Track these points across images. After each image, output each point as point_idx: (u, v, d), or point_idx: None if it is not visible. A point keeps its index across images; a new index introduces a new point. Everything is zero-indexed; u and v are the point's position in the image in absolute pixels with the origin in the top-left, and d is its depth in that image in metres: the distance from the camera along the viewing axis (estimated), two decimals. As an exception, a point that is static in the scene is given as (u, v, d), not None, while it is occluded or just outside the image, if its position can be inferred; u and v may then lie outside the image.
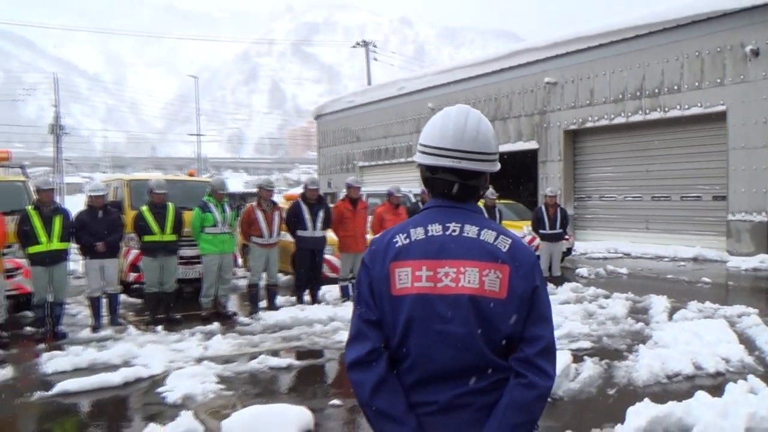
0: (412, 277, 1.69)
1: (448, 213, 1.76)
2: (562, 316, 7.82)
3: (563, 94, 19.63)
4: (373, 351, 1.70)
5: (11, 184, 9.70)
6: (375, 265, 1.74)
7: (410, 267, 1.69)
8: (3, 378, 5.91)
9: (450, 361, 1.66)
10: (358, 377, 1.70)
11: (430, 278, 1.68)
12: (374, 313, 1.72)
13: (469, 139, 1.74)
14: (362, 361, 1.70)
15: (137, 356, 6.34)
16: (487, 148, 1.77)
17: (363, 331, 1.72)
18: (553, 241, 10.60)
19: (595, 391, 5.30)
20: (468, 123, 1.76)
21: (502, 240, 1.72)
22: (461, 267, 1.67)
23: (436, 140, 1.75)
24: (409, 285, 1.68)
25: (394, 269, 1.70)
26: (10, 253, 7.91)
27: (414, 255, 1.70)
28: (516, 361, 1.67)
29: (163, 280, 8.33)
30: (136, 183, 10.34)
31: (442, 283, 1.67)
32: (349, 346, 1.74)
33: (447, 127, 1.75)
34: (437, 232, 1.73)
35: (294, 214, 9.00)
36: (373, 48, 39.10)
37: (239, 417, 4.47)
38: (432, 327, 1.66)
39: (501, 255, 1.69)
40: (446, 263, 1.68)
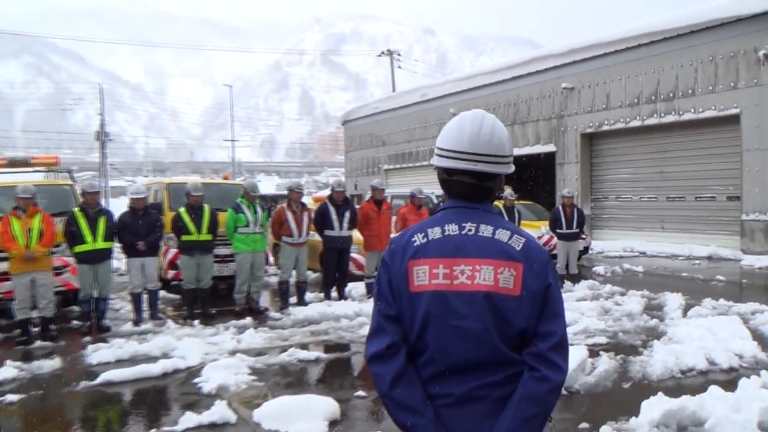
0: (430, 275, 1.68)
1: (464, 213, 1.75)
2: (579, 313, 7.73)
3: (580, 99, 19.40)
4: (393, 345, 1.70)
5: (60, 188, 9.89)
6: (394, 263, 1.74)
7: (428, 265, 1.69)
8: (51, 368, 6.03)
9: (466, 355, 1.65)
10: (378, 370, 1.70)
11: (446, 276, 1.67)
12: (393, 309, 1.72)
13: (484, 142, 1.73)
14: (382, 354, 1.70)
15: (175, 349, 6.41)
16: (502, 150, 1.76)
17: (383, 326, 1.72)
18: (570, 240, 10.47)
19: (611, 384, 5.23)
20: (483, 127, 1.75)
21: (516, 239, 1.71)
22: (477, 265, 1.67)
23: (453, 144, 1.75)
24: (427, 282, 1.68)
25: (412, 267, 1.70)
26: (58, 252, 8.06)
27: (431, 254, 1.70)
28: (530, 356, 1.66)
29: (200, 277, 8.42)
30: (174, 186, 10.48)
31: (458, 280, 1.67)
32: (370, 340, 1.75)
33: (463, 132, 1.75)
34: (454, 231, 1.72)
35: (322, 214, 9.04)
36: (398, 57, 39.06)
37: (270, 406, 4.51)
38: (448, 322, 1.65)
39: (515, 253, 1.68)
40: (462, 261, 1.68)
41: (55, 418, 4.91)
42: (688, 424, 4.14)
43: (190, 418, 4.43)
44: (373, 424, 4.37)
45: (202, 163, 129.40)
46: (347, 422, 4.44)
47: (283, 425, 4.25)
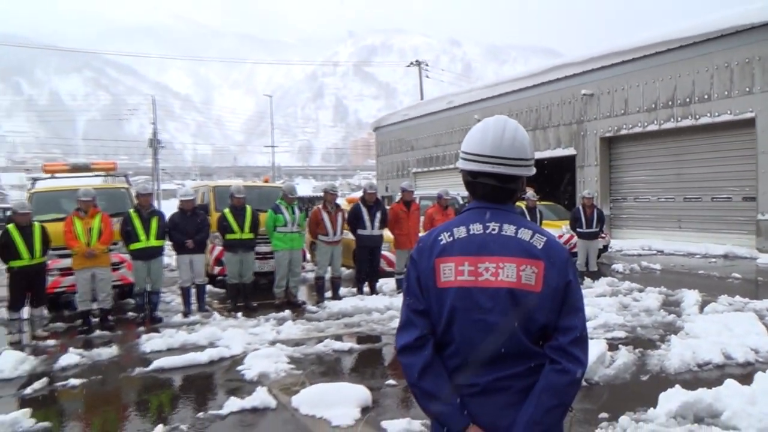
0: (455, 272, 1.67)
1: (487, 213, 1.73)
2: (599, 308, 7.58)
3: (599, 105, 19.06)
4: (421, 337, 1.69)
5: (117, 191, 10.12)
6: (422, 261, 1.73)
7: (453, 263, 1.68)
8: (109, 355, 6.18)
9: (489, 347, 1.63)
10: (408, 361, 1.70)
11: (471, 273, 1.66)
12: (421, 304, 1.71)
13: (506, 146, 1.71)
14: (411, 346, 1.69)
15: (220, 338, 6.50)
16: (523, 154, 1.74)
17: (411, 319, 1.72)
18: (590, 239, 10.29)
19: (629, 377, 5.12)
20: (505, 132, 1.73)
21: (537, 238, 1.68)
22: (500, 263, 1.65)
23: (477, 148, 1.73)
24: (453, 278, 1.67)
25: (438, 264, 1.69)
26: (116, 249, 8.25)
27: (457, 252, 1.69)
28: (551, 349, 1.63)
29: (243, 272, 8.51)
30: (219, 189, 10.60)
31: (482, 277, 1.65)
32: (399, 333, 1.74)
33: (486, 136, 1.73)
34: (478, 231, 1.71)
35: (355, 214, 9.05)
36: (425, 67, 38.94)
37: (307, 393, 4.53)
38: (473, 316, 1.64)
39: (536, 252, 1.66)
40: (486, 259, 1.66)
41: (112, 401, 5.02)
42: (704, 416, 4.03)
43: (234, 403, 4.49)
44: (403, 411, 4.36)
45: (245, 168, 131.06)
46: (379, 409, 4.44)
47: (320, 411, 4.27)
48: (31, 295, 7.18)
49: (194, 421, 4.31)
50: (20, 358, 5.88)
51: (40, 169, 10.65)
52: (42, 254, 7.18)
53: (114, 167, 10.87)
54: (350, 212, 9.17)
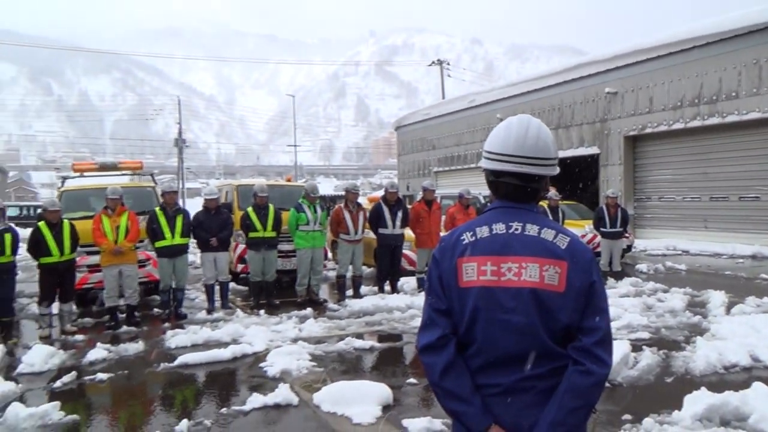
0: (478, 271, 1.66)
1: (510, 213, 1.72)
2: (622, 308, 7.48)
3: (623, 103, 18.78)
4: (443, 337, 1.68)
5: (143, 189, 10.27)
6: (444, 260, 1.72)
7: (476, 262, 1.67)
8: (136, 351, 6.28)
9: (512, 347, 1.62)
10: (429, 360, 1.69)
11: (494, 272, 1.65)
12: (443, 303, 1.71)
13: (530, 145, 1.69)
14: (433, 345, 1.69)
15: (243, 335, 6.56)
16: (547, 153, 1.72)
17: (433, 318, 1.71)
18: (614, 238, 10.14)
19: (653, 378, 5.04)
20: (529, 131, 1.71)
21: (561, 238, 1.66)
22: (523, 263, 1.63)
23: (500, 147, 1.72)
24: (475, 278, 1.66)
25: (461, 264, 1.68)
26: (142, 247, 8.38)
27: (479, 251, 1.68)
28: (574, 350, 1.61)
29: (265, 270, 8.57)
30: (243, 188, 10.69)
31: (505, 277, 1.64)
32: (421, 332, 1.74)
33: (510, 135, 1.72)
34: (501, 230, 1.69)
35: (376, 213, 9.06)
36: (447, 66, 38.78)
37: (328, 390, 4.55)
38: (496, 316, 1.63)
39: (560, 252, 1.64)
40: (509, 259, 1.65)
41: (138, 395, 5.10)
42: (731, 419, 3.95)
43: (257, 399, 4.53)
44: (424, 410, 4.36)
45: (267, 167, 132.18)
46: (399, 407, 4.44)
47: (341, 408, 4.29)
48: (60, 291, 7.33)
49: (218, 416, 4.36)
50: (50, 352, 6.02)
51: (70, 168, 10.85)
52: (71, 251, 7.32)
53: (140, 166, 11.03)
54: (371, 211, 9.18)
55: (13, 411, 4.38)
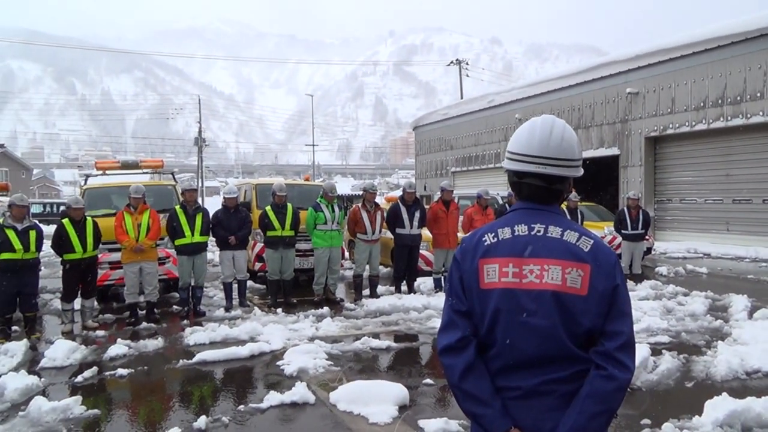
0: (500, 273, 1.64)
1: (533, 214, 1.70)
2: (641, 312, 7.37)
3: (645, 104, 18.54)
4: (463, 338, 1.67)
5: (164, 188, 10.38)
6: (465, 261, 1.71)
7: (497, 264, 1.65)
8: (155, 347, 6.35)
9: (533, 350, 1.60)
10: (449, 362, 1.68)
11: (516, 274, 1.63)
12: (464, 305, 1.70)
13: (554, 146, 1.68)
14: (453, 347, 1.68)
15: (261, 333, 6.59)
16: (571, 154, 1.70)
17: (454, 320, 1.70)
18: (635, 240, 10.02)
19: (673, 383, 4.96)
20: (553, 132, 1.70)
21: (584, 240, 1.64)
22: (545, 265, 1.62)
23: (524, 148, 1.70)
24: (497, 280, 1.64)
25: (482, 265, 1.67)
26: (162, 245, 8.47)
27: (501, 253, 1.66)
28: (597, 354, 1.59)
29: (283, 269, 8.60)
30: (261, 187, 10.75)
31: (527, 279, 1.62)
32: (441, 333, 1.73)
33: (533, 136, 1.70)
34: (523, 232, 1.68)
35: (394, 213, 9.05)
36: (465, 66, 38.62)
37: (345, 390, 4.55)
38: (517, 318, 1.61)
39: (583, 255, 1.61)
40: (531, 261, 1.63)
41: (157, 391, 5.15)
42: (753, 426, 3.87)
43: (274, 397, 4.55)
44: (441, 411, 4.34)
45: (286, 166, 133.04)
46: (416, 408, 4.43)
47: (357, 407, 4.29)
48: (82, 287, 7.44)
49: (235, 413, 4.39)
50: (72, 348, 6.11)
51: (93, 166, 11.01)
52: (94, 248, 7.43)
53: (161, 165, 11.14)
54: (389, 211, 9.17)
55: (35, 405, 4.46)
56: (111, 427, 4.30)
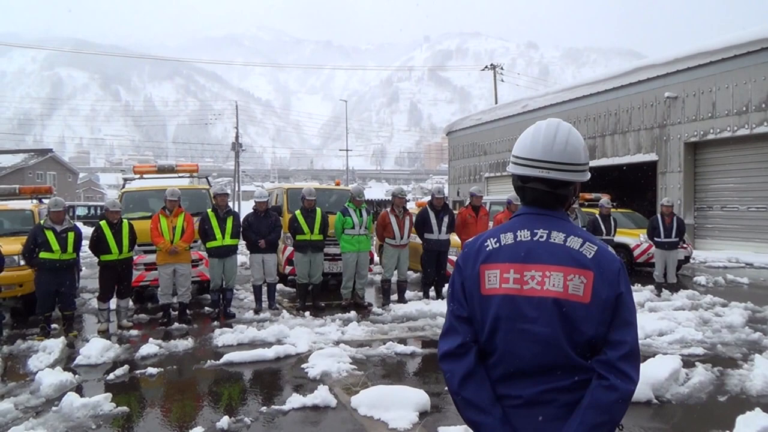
0: (500, 279, 1.63)
1: (536, 220, 1.68)
2: (676, 322, 7.16)
3: (684, 108, 18.04)
4: (463, 345, 1.66)
5: (198, 192, 10.61)
6: (467, 267, 1.70)
7: (499, 269, 1.64)
8: (185, 347, 6.48)
9: (534, 358, 1.58)
10: (449, 368, 1.67)
11: (516, 281, 1.61)
12: (465, 310, 1.68)
13: (558, 150, 1.65)
14: (453, 353, 1.66)
15: (288, 336, 6.65)
16: (576, 159, 1.67)
17: (454, 326, 1.69)
18: (669, 248, 9.73)
19: (705, 397, 4.79)
20: (557, 135, 1.67)
21: (587, 247, 1.61)
22: (546, 271, 1.59)
23: (527, 152, 1.68)
24: (498, 286, 1.62)
25: (483, 271, 1.65)
26: (195, 247, 8.65)
27: (503, 258, 1.64)
28: (599, 364, 1.56)
29: (311, 273, 8.67)
30: (293, 191, 10.85)
31: (528, 285, 1.60)
32: (442, 339, 1.72)
33: (537, 140, 1.68)
34: (525, 237, 1.66)
35: (422, 219, 9.03)
36: (500, 70, 38.31)
37: (366, 394, 4.56)
38: (517, 326, 1.59)
39: (586, 261, 1.58)
40: (533, 267, 1.61)
41: (185, 390, 5.26)
42: (788, 443, 3.71)
43: (297, 399, 4.59)
44: (461, 418, 4.29)
45: (321, 171, 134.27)
46: (437, 414, 4.40)
47: (378, 412, 4.29)
48: (118, 288, 7.65)
49: (258, 414, 4.44)
50: (106, 346, 6.29)
51: (131, 170, 11.33)
52: (129, 250, 7.64)
53: (196, 169, 11.35)
54: (418, 216, 9.15)
55: (68, 400, 4.60)
56: (138, 425, 4.40)
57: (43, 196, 10.26)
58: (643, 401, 4.50)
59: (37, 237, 6.95)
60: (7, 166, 55.14)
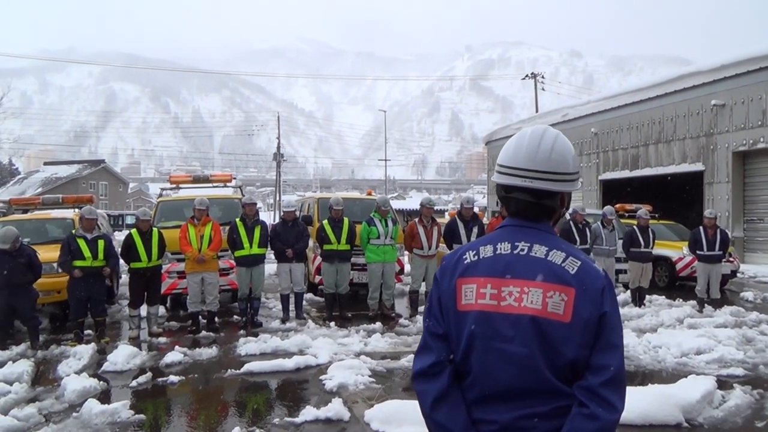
0: (477, 294, 1.52)
1: (519, 232, 1.57)
2: (715, 340, 6.78)
3: (732, 116, 17.31)
4: (437, 364, 1.55)
5: (231, 201, 10.77)
6: (444, 280, 1.60)
7: (475, 284, 1.53)
8: (209, 356, 6.52)
9: (510, 380, 1.46)
10: (421, 388, 1.57)
11: (493, 296, 1.50)
12: (441, 327, 1.58)
13: (542, 159, 1.54)
14: (425, 372, 1.56)
15: (310, 347, 6.61)
16: (562, 168, 1.55)
17: (429, 343, 1.59)
18: (712, 262, 9.26)
19: (741, 421, 4.48)
20: (542, 143, 1.56)
21: (570, 262, 1.49)
22: (525, 287, 1.47)
23: (510, 160, 1.58)
24: (473, 301, 1.52)
25: (460, 285, 1.55)
26: (226, 256, 8.74)
27: (480, 272, 1.54)
28: (579, 389, 1.43)
29: (338, 282, 8.64)
30: (323, 201, 10.88)
31: (505, 302, 1.49)
32: (416, 358, 1.62)
33: (521, 148, 1.58)
34: (505, 250, 1.54)
35: (450, 229, 8.88)
36: (541, 79, 37.77)
37: (380, 408, 4.45)
38: (492, 345, 1.48)
39: (567, 277, 1.46)
40: (511, 282, 1.49)
41: (202, 399, 5.26)
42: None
43: (310, 412, 4.52)
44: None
45: (362, 181, 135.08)
46: (452, 431, 4.25)
47: (390, 428, 4.18)
48: (147, 295, 7.79)
49: (269, 426, 4.40)
50: (132, 353, 6.39)
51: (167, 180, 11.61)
52: (158, 258, 7.78)
53: (230, 179, 11.54)
54: (446, 226, 9.01)
55: (88, 407, 4.67)
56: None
57: (85, 205, 10.60)
58: (672, 424, 4.24)
59: (71, 245, 7.15)
60: (63, 177, 57.75)
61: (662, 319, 8.31)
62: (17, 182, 58.82)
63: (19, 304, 6.91)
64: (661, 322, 8.13)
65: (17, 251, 6.86)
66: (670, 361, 6.13)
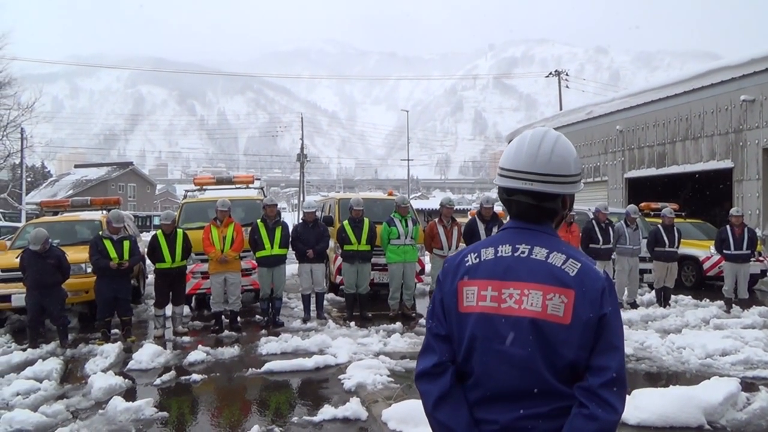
0: (478, 296, 1.54)
1: (520, 234, 1.58)
2: (742, 342, 6.64)
3: (762, 112, 16.86)
4: (439, 364, 1.58)
5: (253, 202, 10.89)
6: (446, 282, 1.63)
7: (477, 286, 1.55)
8: (231, 355, 6.63)
9: (510, 381, 1.48)
10: (424, 388, 1.59)
11: (494, 298, 1.52)
12: (443, 328, 1.61)
13: (542, 161, 1.55)
14: (428, 373, 1.59)
15: (330, 346, 6.67)
16: (564, 170, 1.56)
17: (431, 344, 1.62)
18: (739, 261, 9.06)
19: (765, 424, 4.38)
20: (542, 146, 1.58)
21: (570, 264, 1.50)
22: (525, 289, 1.49)
23: (511, 163, 1.60)
24: (474, 303, 1.54)
25: (462, 287, 1.58)
26: (249, 256, 8.85)
27: (481, 275, 1.56)
28: (580, 390, 1.44)
29: (359, 283, 8.68)
30: (344, 201, 10.93)
31: (505, 304, 1.50)
32: (419, 358, 1.65)
33: (521, 150, 1.59)
34: (506, 253, 1.56)
35: (470, 229, 8.84)
36: (565, 77, 37.32)
37: (397, 408, 4.47)
38: (493, 346, 1.50)
39: (567, 279, 1.47)
40: (511, 284, 1.51)
41: (223, 398, 5.36)
42: None
43: (328, 411, 4.57)
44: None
45: (385, 180, 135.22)
46: (469, 431, 4.25)
47: (407, 427, 4.20)
48: (172, 295, 7.94)
49: (288, 425, 4.45)
50: (157, 352, 6.53)
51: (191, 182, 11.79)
52: (182, 258, 7.92)
53: (252, 180, 11.67)
54: (466, 226, 8.98)
55: (113, 404, 4.80)
56: (174, 429, 4.51)
57: (112, 207, 10.84)
58: (693, 426, 4.18)
59: (98, 245, 7.33)
60: (93, 179, 59.10)
61: (687, 319, 8.17)
62: (49, 184, 60.40)
63: (48, 304, 7.11)
64: (686, 323, 7.99)
65: (47, 252, 7.06)
66: (694, 363, 6.03)
